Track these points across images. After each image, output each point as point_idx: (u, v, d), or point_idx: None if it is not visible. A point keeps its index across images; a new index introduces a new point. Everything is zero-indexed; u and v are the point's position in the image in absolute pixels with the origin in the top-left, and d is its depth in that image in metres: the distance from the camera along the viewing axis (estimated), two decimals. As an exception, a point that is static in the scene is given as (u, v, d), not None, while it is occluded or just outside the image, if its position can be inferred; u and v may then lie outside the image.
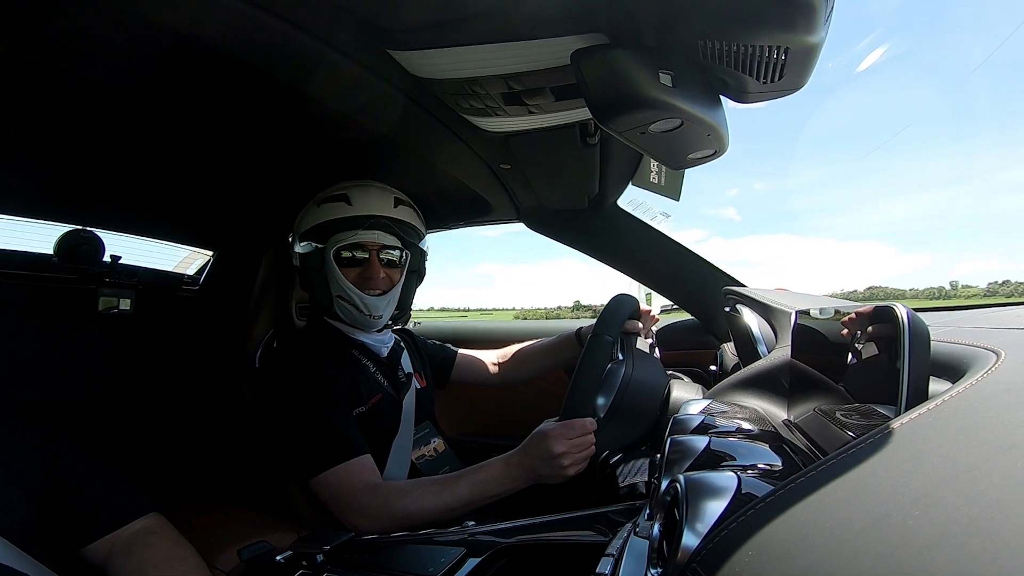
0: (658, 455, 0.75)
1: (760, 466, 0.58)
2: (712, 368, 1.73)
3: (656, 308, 2.00)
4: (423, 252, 1.41)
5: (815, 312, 0.82)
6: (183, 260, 2.19)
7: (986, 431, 0.35)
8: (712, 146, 0.79)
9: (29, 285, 1.68)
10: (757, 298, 1.20)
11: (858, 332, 0.63)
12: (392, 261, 1.32)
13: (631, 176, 1.52)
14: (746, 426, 0.74)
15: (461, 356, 1.68)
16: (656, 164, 1.49)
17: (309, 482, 1.14)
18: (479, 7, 0.68)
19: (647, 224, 1.73)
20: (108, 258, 1.79)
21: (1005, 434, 0.33)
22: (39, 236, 1.72)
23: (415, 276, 1.42)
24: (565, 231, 1.83)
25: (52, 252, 1.68)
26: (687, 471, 0.58)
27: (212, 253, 2.14)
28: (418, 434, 1.37)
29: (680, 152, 0.81)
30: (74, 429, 1.64)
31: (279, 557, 0.78)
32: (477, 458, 1.13)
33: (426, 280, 1.48)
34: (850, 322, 0.65)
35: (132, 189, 1.56)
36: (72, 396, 1.74)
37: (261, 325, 1.56)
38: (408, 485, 1.13)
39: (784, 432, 0.75)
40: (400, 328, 1.61)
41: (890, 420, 0.42)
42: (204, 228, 2.02)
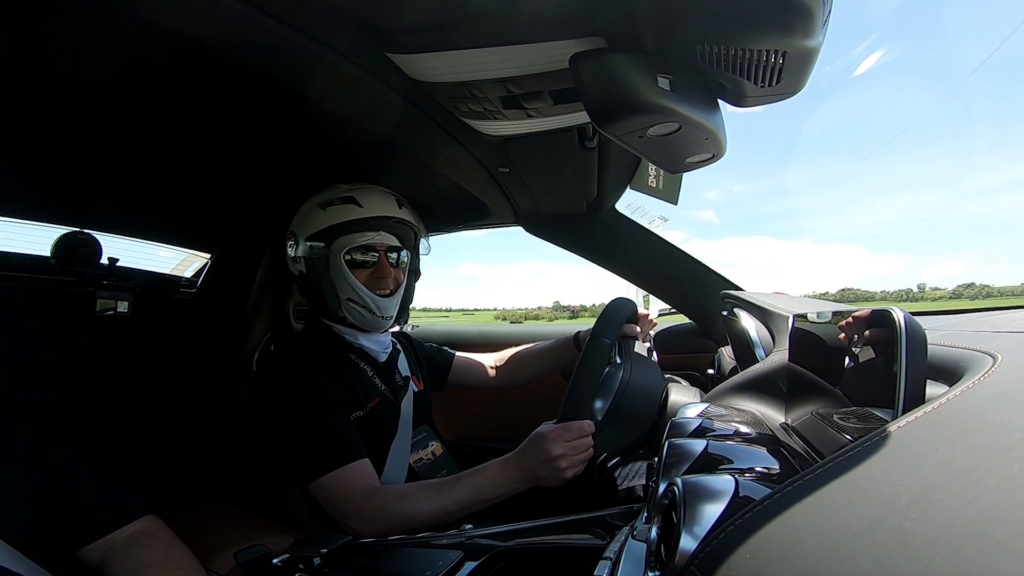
0: (656, 458, 0.75)
1: (757, 469, 0.58)
2: (710, 372, 1.73)
3: (654, 312, 2.00)
4: (418, 252, 1.43)
5: (812, 316, 0.82)
6: (181, 262, 2.18)
7: (982, 434, 0.35)
8: (710, 150, 0.79)
9: (26, 287, 1.68)
10: (755, 302, 1.20)
11: (855, 336, 0.64)
12: (396, 261, 1.33)
13: (629, 180, 1.52)
14: (744, 429, 0.74)
15: (458, 359, 1.68)
16: (654, 168, 1.49)
17: (307, 486, 1.13)
18: (477, 10, 0.68)
19: (645, 228, 1.73)
20: (106, 260, 1.79)
21: (1001, 437, 0.33)
22: (36, 238, 1.72)
23: (414, 276, 1.43)
24: (563, 235, 1.83)
25: (49, 254, 1.67)
26: (685, 474, 0.58)
27: (210, 256, 2.14)
28: (416, 437, 1.37)
29: (678, 156, 0.81)
30: (72, 430, 1.64)
31: (276, 560, 0.77)
32: (475, 462, 1.13)
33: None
34: (847, 326, 0.65)
35: (130, 191, 1.55)
36: (69, 397, 1.73)
37: (259, 328, 1.55)
38: (406, 489, 1.13)
39: (781, 435, 0.75)
40: (398, 331, 1.61)
41: (887, 423, 0.42)
42: (202, 230, 2.02)
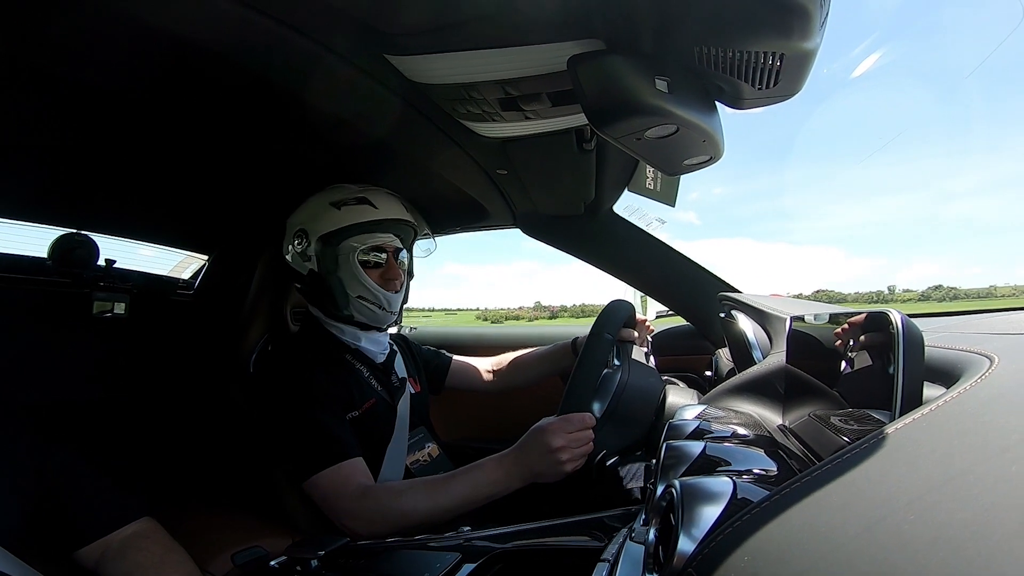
0: (653, 460, 0.75)
1: (755, 471, 0.58)
2: (707, 373, 1.73)
3: (652, 314, 2.00)
4: (412, 252, 1.46)
5: (810, 318, 0.82)
6: (178, 264, 2.18)
7: (980, 436, 0.35)
8: (708, 152, 0.79)
9: (23, 289, 1.67)
10: (752, 304, 1.20)
11: (851, 341, 0.64)
12: (401, 261, 1.37)
13: (627, 182, 1.52)
14: (741, 431, 0.74)
15: (456, 363, 1.69)
16: (652, 170, 1.50)
17: (302, 485, 1.13)
18: (476, 12, 0.68)
19: (643, 230, 1.74)
20: (103, 262, 1.78)
21: (999, 438, 0.33)
22: (33, 240, 1.71)
23: (409, 276, 1.46)
24: (562, 237, 1.83)
25: (46, 256, 1.67)
26: (683, 476, 0.58)
27: (207, 257, 2.13)
28: (412, 439, 1.37)
29: (676, 158, 0.81)
30: (68, 432, 1.64)
31: (273, 562, 0.77)
32: (470, 461, 1.13)
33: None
34: (844, 331, 0.66)
35: (127, 193, 1.55)
36: (66, 399, 1.72)
37: (256, 330, 1.55)
38: (401, 486, 1.13)
39: (779, 437, 0.75)
40: (395, 334, 1.62)
41: (885, 425, 0.42)
42: (199, 232, 2.01)
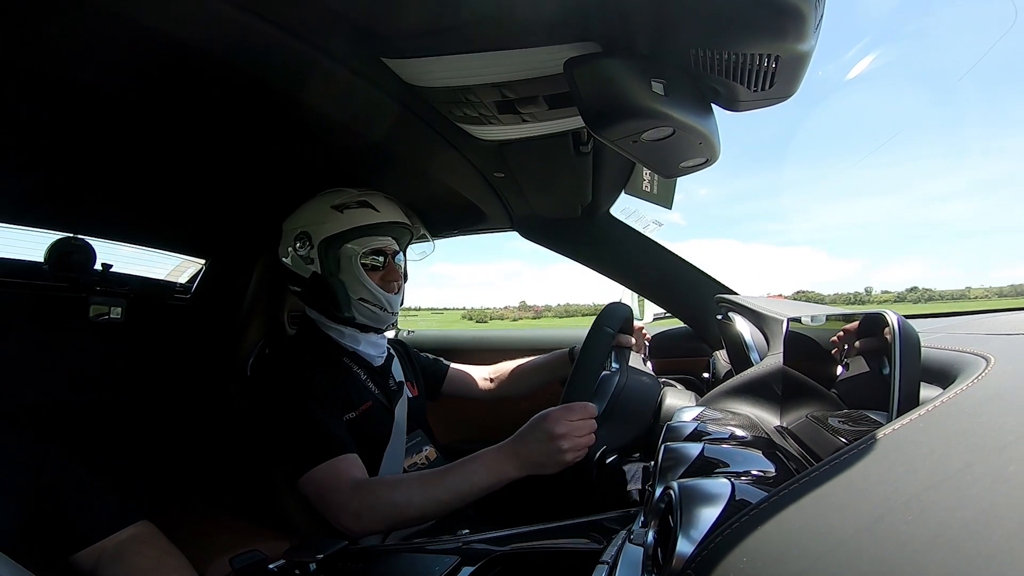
0: (652, 462, 0.75)
1: (753, 472, 0.59)
2: (705, 375, 1.73)
3: (649, 316, 2.01)
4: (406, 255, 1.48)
5: (806, 319, 0.82)
6: (175, 268, 2.17)
7: (977, 436, 0.35)
8: (704, 154, 0.79)
9: (19, 292, 1.67)
10: (749, 306, 1.20)
11: (847, 342, 0.64)
12: (400, 263, 1.40)
13: (624, 184, 1.53)
14: (739, 433, 0.74)
15: (453, 371, 1.70)
16: (648, 172, 1.50)
17: (297, 482, 1.12)
18: (473, 15, 0.68)
19: (640, 232, 1.74)
20: (99, 266, 1.78)
21: (995, 438, 0.34)
22: (30, 244, 1.71)
23: (404, 277, 1.47)
24: (559, 239, 1.83)
25: (43, 260, 1.66)
26: (681, 478, 0.58)
27: (204, 261, 2.13)
28: (410, 442, 1.37)
29: (672, 160, 0.81)
30: (65, 435, 1.64)
31: (272, 566, 0.77)
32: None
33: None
34: (841, 333, 0.66)
35: (124, 197, 1.54)
36: (63, 401, 1.72)
37: (253, 334, 1.55)
38: (396, 479, 1.13)
39: (777, 438, 0.75)
40: (393, 339, 1.62)
41: (882, 426, 0.42)
42: (196, 236, 2.01)
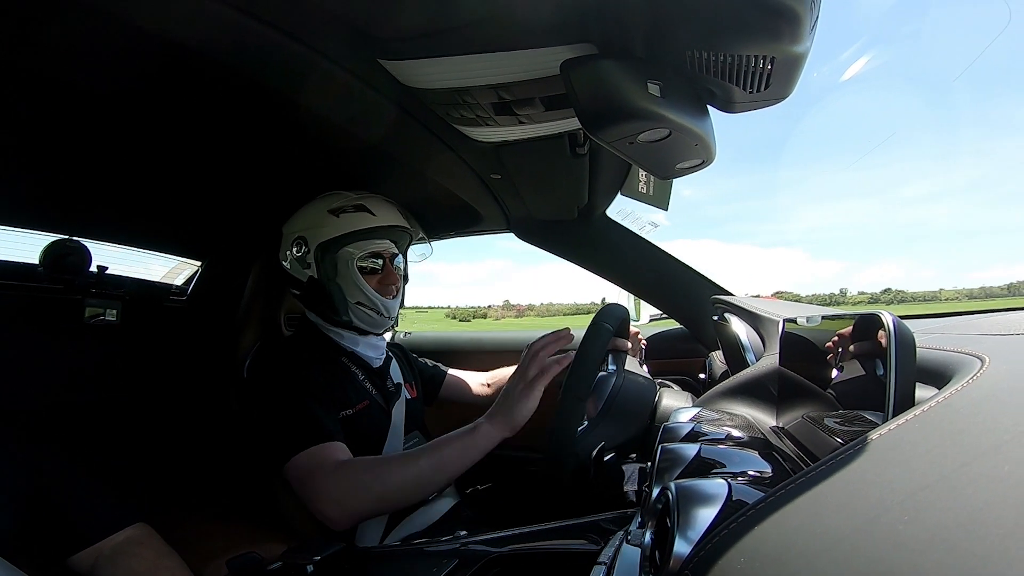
0: (648, 463, 0.75)
1: (750, 473, 0.59)
2: (701, 376, 1.73)
3: (645, 317, 2.01)
4: (407, 257, 1.48)
5: (802, 320, 0.82)
6: (171, 270, 2.17)
7: (972, 436, 0.35)
8: (700, 156, 0.79)
9: (14, 295, 1.66)
10: (745, 307, 1.21)
11: (843, 343, 0.64)
12: (398, 266, 1.39)
13: (620, 186, 1.53)
14: (736, 433, 0.74)
15: (450, 377, 1.71)
16: (645, 174, 1.50)
17: (283, 468, 1.09)
18: (470, 17, 0.68)
19: (636, 234, 1.74)
20: (95, 268, 1.77)
21: (991, 438, 0.34)
22: (24, 246, 1.70)
23: (404, 280, 1.47)
24: (555, 241, 1.83)
25: (38, 262, 1.66)
26: (678, 479, 0.58)
27: (200, 264, 2.13)
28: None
29: (668, 162, 0.82)
30: (62, 437, 1.63)
31: (269, 568, 0.77)
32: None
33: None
34: (836, 334, 0.66)
35: (120, 199, 1.54)
36: (58, 403, 1.71)
37: (249, 335, 1.55)
38: (377, 458, 1.12)
39: (773, 439, 0.76)
40: (392, 342, 1.62)
41: (878, 426, 0.42)
42: (192, 238, 2.00)
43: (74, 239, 1.71)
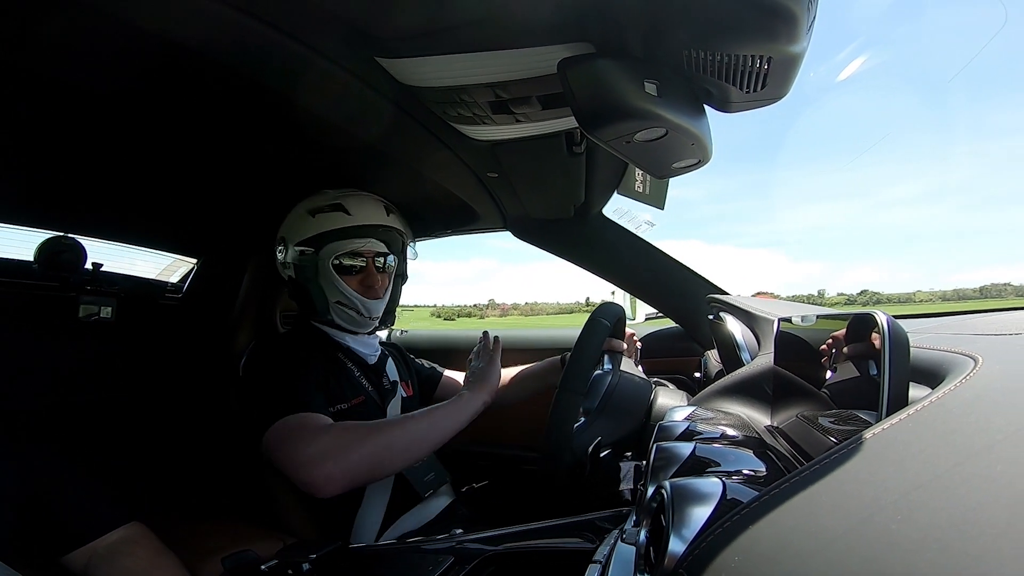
0: (643, 462, 0.75)
1: (744, 472, 0.59)
2: (696, 375, 1.74)
3: (641, 316, 2.01)
4: (406, 257, 1.45)
5: (797, 319, 0.83)
6: (166, 268, 2.16)
7: (965, 435, 0.35)
8: (696, 155, 0.79)
9: (8, 292, 1.65)
10: (740, 306, 1.21)
11: (834, 350, 0.64)
12: (384, 266, 1.35)
13: (616, 185, 1.53)
14: (730, 432, 0.74)
15: (445, 378, 1.70)
16: (641, 173, 1.50)
17: (264, 440, 1.06)
18: (468, 16, 0.68)
19: (632, 232, 1.74)
20: (90, 265, 1.77)
21: (983, 438, 0.34)
22: (18, 242, 1.69)
23: (400, 279, 1.45)
24: (551, 240, 1.83)
25: (32, 259, 1.65)
26: (673, 477, 0.58)
27: (196, 261, 2.12)
28: None
29: (665, 161, 0.82)
30: (57, 436, 1.63)
31: (264, 566, 0.77)
32: (465, 465, 1.13)
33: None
34: (832, 343, 0.66)
35: (115, 196, 1.53)
36: (54, 403, 1.70)
37: (245, 333, 1.55)
38: (365, 422, 1.10)
39: (768, 438, 0.76)
40: (387, 341, 1.62)
41: (871, 425, 0.42)
42: (188, 236, 2.00)
43: (69, 236, 1.70)
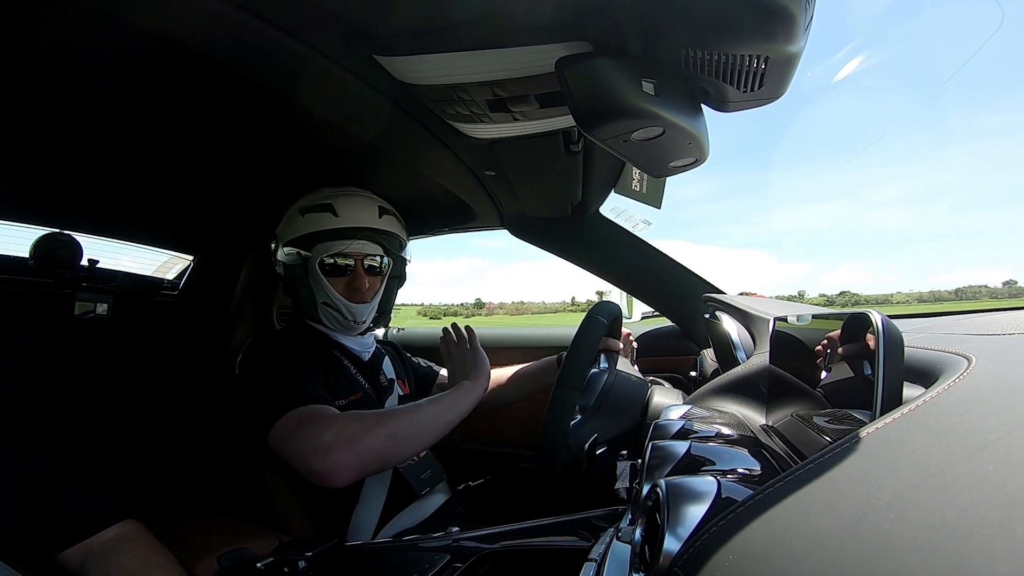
0: (639, 460, 0.75)
1: (739, 470, 0.59)
2: (692, 374, 1.74)
3: (637, 314, 2.01)
4: (403, 259, 1.43)
5: (792, 319, 0.83)
6: (162, 264, 2.16)
7: (958, 435, 0.35)
8: (693, 154, 0.79)
9: (2, 289, 1.65)
10: (736, 305, 1.21)
11: (829, 351, 0.65)
12: (374, 268, 1.33)
13: (613, 184, 1.53)
14: (725, 431, 0.74)
15: (442, 377, 1.69)
16: (638, 172, 1.51)
17: (269, 435, 1.05)
18: (466, 14, 0.68)
19: (629, 231, 1.75)
20: (86, 262, 1.76)
21: (976, 438, 0.34)
22: (15, 239, 1.69)
23: (396, 281, 1.43)
24: (548, 238, 1.84)
25: (28, 255, 1.65)
26: (668, 476, 0.58)
27: (192, 258, 2.12)
28: None
29: (662, 160, 0.82)
30: (53, 435, 1.62)
31: (260, 564, 0.77)
32: (461, 463, 1.13)
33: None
34: (827, 344, 0.67)
35: (112, 192, 1.53)
36: (49, 401, 1.70)
37: (242, 331, 1.54)
38: (371, 412, 1.10)
39: (763, 437, 0.76)
40: (384, 340, 1.62)
41: (865, 424, 0.43)
42: (184, 232, 1.99)
43: (65, 232, 1.70)
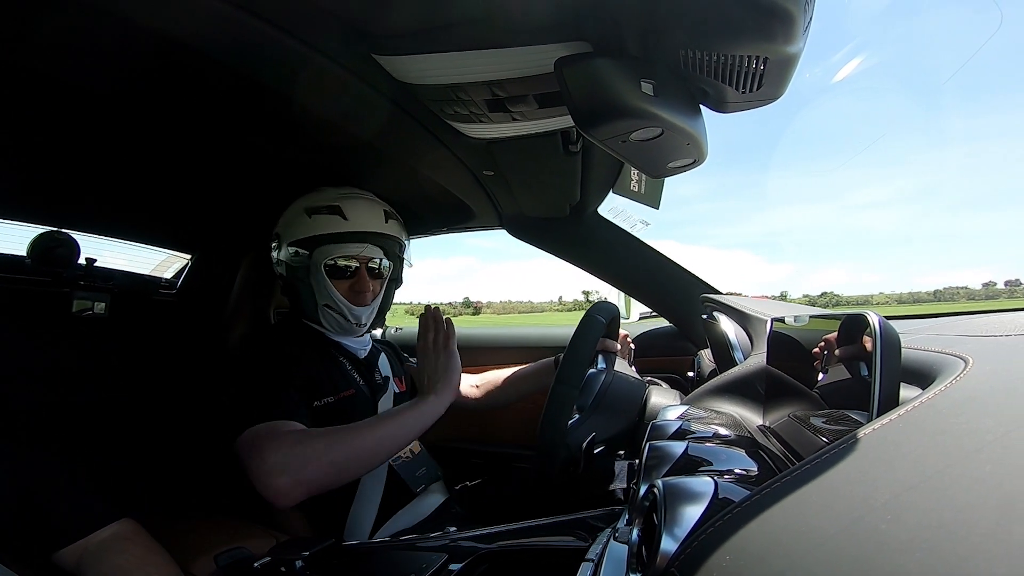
0: (636, 460, 0.75)
1: (736, 471, 0.59)
2: (689, 374, 1.74)
3: (635, 315, 2.02)
4: (403, 262, 1.43)
5: (790, 320, 0.83)
6: (160, 264, 2.16)
7: (955, 436, 0.36)
8: (691, 155, 0.80)
9: (0, 288, 1.64)
10: (734, 305, 1.22)
11: (826, 353, 0.65)
12: (375, 271, 1.34)
13: (612, 184, 1.53)
14: (723, 431, 0.75)
15: None
16: (636, 172, 1.51)
17: (235, 446, 1.03)
18: (465, 14, 0.68)
19: (627, 232, 1.75)
20: (83, 261, 1.76)
21: (973, 439, 0.34)
22: (12, 237, 1.69)
23: (395, 284, 1.44)
24: (547, 238, 1.84)
25: (25, 254, 1.64)
26: (665, 476, 0.58)
27: (190, 257, 2.11)
28: None
29: (660, 161, 0.82)
30: (48, 434, 1.62)
31: (257, 563, 0.77)
32: (455, 461, 1.13)
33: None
34: (824, 345, 0.67)
35: (110, 191, 1.53)
36: (47, 401, 1.70)
37: (239, 330, 1.54)
38: (330, 428, 1.06)
39: (760, 437, 0.76)
40: (381, 340, 1.61)
41: (862, 426, 0.43)
42: (183, 231, 1.99)
43: (63, 231, 1.69)
